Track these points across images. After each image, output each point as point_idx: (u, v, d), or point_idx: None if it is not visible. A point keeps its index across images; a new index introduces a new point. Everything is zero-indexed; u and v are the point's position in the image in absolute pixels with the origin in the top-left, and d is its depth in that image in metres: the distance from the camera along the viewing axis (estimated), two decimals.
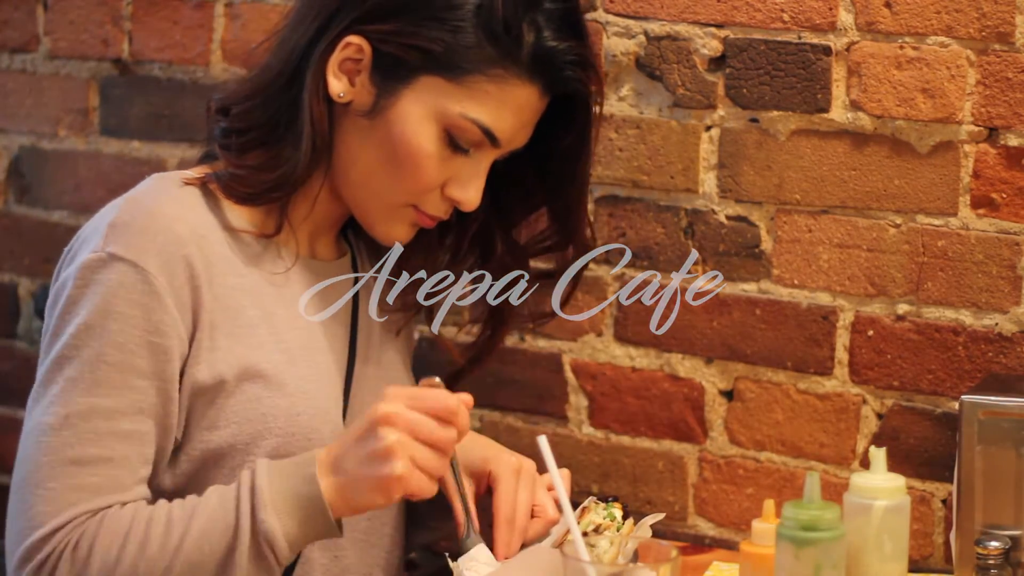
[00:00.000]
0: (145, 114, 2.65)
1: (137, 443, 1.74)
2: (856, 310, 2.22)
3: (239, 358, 1.80)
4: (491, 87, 1.80)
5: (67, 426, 1.73)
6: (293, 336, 1.86)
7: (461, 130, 1.81)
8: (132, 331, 1.74)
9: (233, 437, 1.80)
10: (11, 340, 2.78)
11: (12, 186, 2.76)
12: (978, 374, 2.15)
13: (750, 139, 2.26)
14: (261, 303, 1.84)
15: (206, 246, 1.79)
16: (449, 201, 1.85)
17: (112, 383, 1.73)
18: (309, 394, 1.84)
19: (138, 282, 1.74)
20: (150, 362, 1.75)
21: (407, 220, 1.87)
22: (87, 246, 1.77)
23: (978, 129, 2.13)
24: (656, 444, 2.35)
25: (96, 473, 1.72)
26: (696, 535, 2.33)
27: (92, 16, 2.67)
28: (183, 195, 1.82)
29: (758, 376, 2.28)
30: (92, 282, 1.75)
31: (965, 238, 2.15)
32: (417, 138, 1.80)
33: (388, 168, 1.82)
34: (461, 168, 1.84)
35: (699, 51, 2.28)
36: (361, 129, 1.83)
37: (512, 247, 1.99)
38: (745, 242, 2.28)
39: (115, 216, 1.78)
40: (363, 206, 1.87)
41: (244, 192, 1.84)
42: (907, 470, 2.16)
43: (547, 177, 1.94)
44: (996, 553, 1.87)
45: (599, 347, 2.38)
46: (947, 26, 2.13)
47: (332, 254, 1.96)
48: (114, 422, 1.73)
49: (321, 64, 1.81)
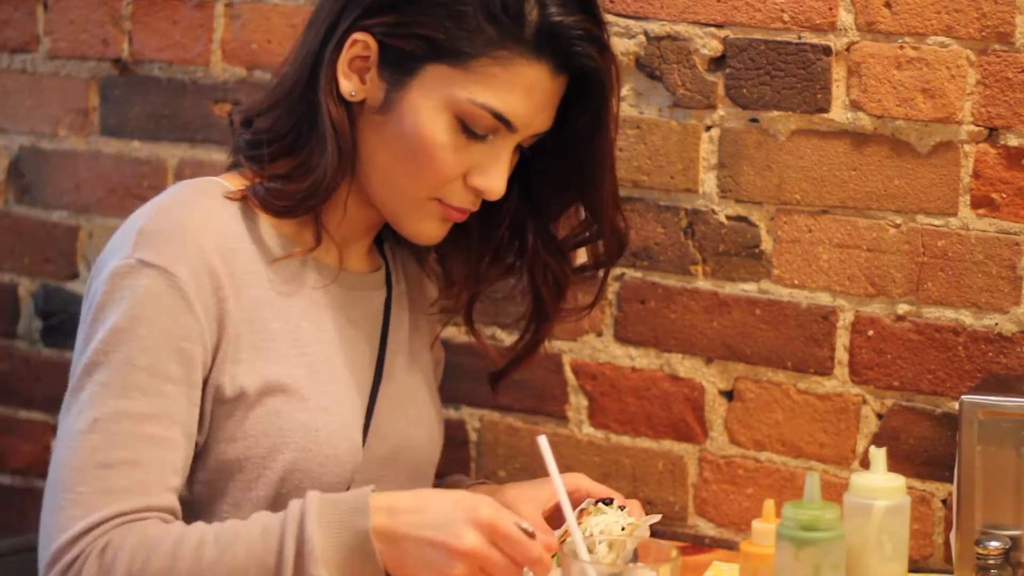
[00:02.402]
0: (145, 114, 2.65)
1: (166, 449, 1.73)
2: (856, 310, 2.22)
3: (260, 372, 1.79)
4: (498, 70, 1.78)
5: (96, 430, 1.71)
6: (317, 351, 1.84)
7: (472, 116, 1.78)
8: (161, 336, 1.73)
9: (249, 450, 1.79)
10: (11, 340, 2.78)
11: (12, 186, 2.76)
12: (978, 374, 2.15)
13: (750, 139, 2.26)
14: (286, 317, 1.82)
15: (233, 259, 1.78)
16: (473, 191, 1.83)
17: (141, 387, 1.72)
18: (329, 410, 1.83)
19: (167, 287, 1.73)
20: (179, 368, 1.74)
21: (434, 215, 1.84)
22: (116, 254, 1.76)
23: (978, 129, 2.13)
24: (656, 444, 2.35)
25: (125, 476, 1.70)
26: (696, 535, 2.33)
27: (92, 16, 2.67)
28: (215, 207, 1.81)
29: (758, 376, 2.28)
30: (121, 288, 1.74)
31: (965, 238, 2.15)
32: (429, 129, 1.79)
33: (405, 163, 1.81)
34: (481, 156, 1.81)
35: (699, 51, 2.28)
36: (377, 126, 1.82)
37: (549, 242, 1.95)
38: (745, 242, 2.28)
39: (144, 224, 1.77)
40: (389, 205, 1.85)
41: (281, 206, 1.82)
42: (907, 470, 2.16)
43: (572, 163, 1.90)
44: (996, 553, 1.87)
45: (599, 347, 2.37)
46: (947, 26, 2.13)
47: (365, 267, 1.94)
48: (143, 426, 1.71)
49: (332, 65, 1.80)
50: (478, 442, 2.45)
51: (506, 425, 2.44)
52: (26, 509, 2.76)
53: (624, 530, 1.83)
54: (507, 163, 1.82)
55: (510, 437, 2.43)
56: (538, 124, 1.83)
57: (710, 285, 2.30)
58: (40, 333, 2.75)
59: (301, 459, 1.80)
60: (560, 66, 1.81)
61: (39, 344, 2.75)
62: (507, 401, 2.43)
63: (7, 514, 2.78)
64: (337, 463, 1.82)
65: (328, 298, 1.87)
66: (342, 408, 1.85)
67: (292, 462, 1.79)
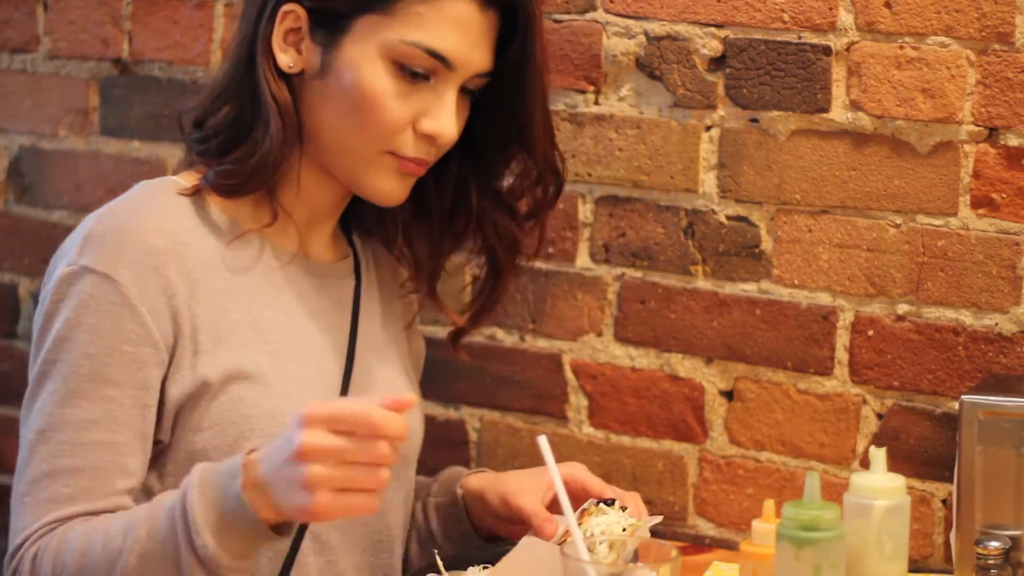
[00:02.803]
0: (145, 114, 2.65)
1: (112, 453, 1.74)
2: (856, 310, 2.22)
3: (222, 361, 1.79)
4: (423, 8, 1.79)
5: (43, 440, 1.74)
6: (283, 339, 1.85)
7: (408, 57, 1.80)
8: (102, 341, 1.74)
9: (216, 439, 1.79)
10: (11, 340, 2.78)
11: (12, 186, 2.76)
12: (978, 374, 2.15)
13: (750, 139, 2.26)
14: (247, 305, 1.83)
15: (185, 254, 1.79)
16: (425, 139, 1.83)
17: (84, 394, 1.74)
18: (295, 397, 1.82)
19: (108, 293, 1.74)
20: (122, 371, 1.75)
21: (391, 170, 1.84)
22: (64, 259, 1.78)
23: (978, 129, 2.13)
24: (656, 444, 2.35)
25: (67, 484, 1.72)
26: (696, 535, 2.33)
27: (92, 16, 2.67)
28: (167, 203, 1.82)
29: (758, 376, 2.28)
30: (66, 295, 1.76)
31: (965, 238, 2.15)
32: (368, 79, 1.80)
33: (352, 117, 1.81)
34: (426, 102, 1.82)
35: (699, 51, 2.28)
36: (318, 92, 1.83)
37: (494, 197, 1.95)
38: (745, 242, 2.28)
39: (90, 228, 1.78)
40: (345, 168, 1.85)
41: (230, 184, 1.83)
42: (907, 470, 2.16)
43: (507, 108, 1.89)
44: (996, 553, 1.87)
45: (599, 347, 2.37)
46: (947, 26, 2.13)
47: (331, 255, 1.95)
48: (87, 432, 1.73)
49: (266, 43, 1.82)
50: (478, 442, 2.45)
51: (506, 425, 2.44)
52: None
53: (625, 531, 1.83)
54: (453, 105, 1.83)
55: (510, 437, 2.42)
56: (476, 61, 1.83)
57: (710, 285, 2.30)
58: None
59: (268, 446, 1.79)
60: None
61: None
62: (507, 401, 2.43)
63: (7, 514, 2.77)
64: None
65: (292, 285, 1.88)
66: (311, 395, 1.83)
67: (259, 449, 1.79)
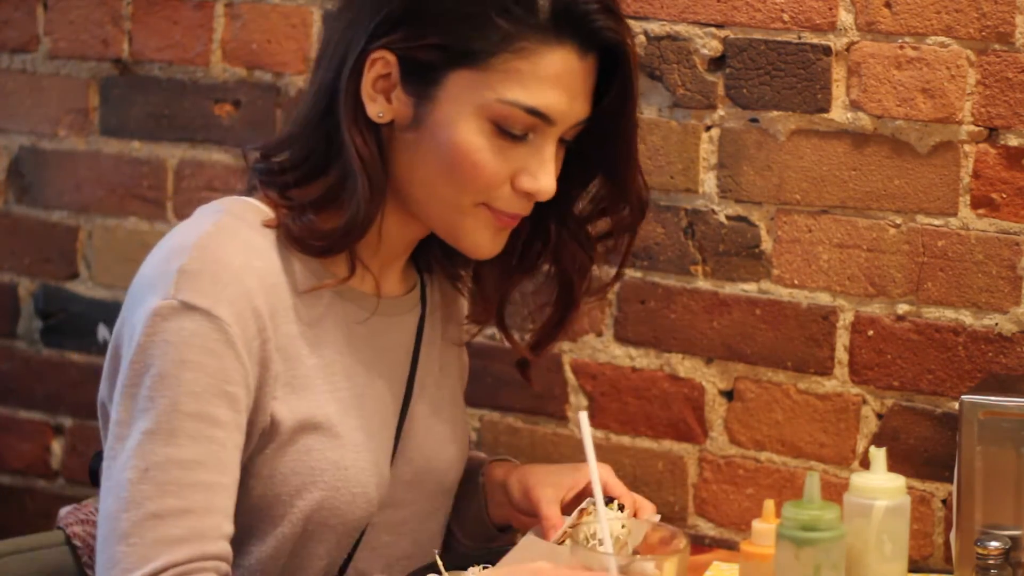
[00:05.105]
0: (145, 114, 2.65)
1: (217, 495, 1.69)
2: (856, 310, 2.22)
3: (294, 409, 1.76)
4: (521, 63, 1.72)
5: (146, 479, 1.66)
6: (350, 386, 1.81)
7: (505, 117, 1.73)
8: (207, 380, 1.68)
9: (276, 487, 1.76)
10: (11, 340, 2.78)
11: (12, 186, 2.76)
12: (978, 374, 2.15)
13: (750, 139, 2.26)
14: (320, 352, 1.79)
15: (274, 295, 1.75)
16: (523, 195, 1.77)
17: (189, 433, 1.67)
18: (359, 446, 1.80)
19: (212, 331, 1.68)
20: (226, 412, 1.69)
21: (488, 224, 1.78)
22: (155, 292, 1.71)
23: (978, 129, 2.13)
24: (656, 444, 2.35)
25: (177, 525, 1.66)
26: (696, 535, 2.33)
27: (92, 16, 2.67)
28: (254, 239, 1.76)
29: (758, 376, 2.28)
30: (164, 330, 1.69)
31: (965, 238, 2.15)
32: (464, 138, 1.73)
33: (447, 175, 1.75)
34: (524, 158, 1.75)
35: (699, 51, 2.28)
36: (411, 144, 1.76)
37: (573, 227, 1.89)
38: (745, 242, 2.28)
39: (185, 262, 1.71)
40: (439, 220, 1.80)
41: (319, 247, 1.77)
42: (907, 470, 2.16)
43: (596, 141, 1.82)
44: (996, 553, 1.86)
45: (599, 347, 2.37)
46: (947, 26, 2.13)
47: (399, 288, 1.90)
48: (194, 473, 1.67)
49: (353, 92, 1.75)
50: (478, 442, 2.45)
51: (506, 425, 2.44)
52: (26, 509, 2.76)
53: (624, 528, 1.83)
54: (552, 160, 1.77)
55: (510, 437, 2.42)
56: (576, 112, 1.76)
57: (710, 285, 2.30)
58: (40, 333, 2.75)
59: (329, 498, 1.77)
60: (585, 45, 1.74)
61: (39, 344, 2.75)
62: (507, 401, 2.43)
63: (7, 514, 2.78)
64: (364, 499, 1.80)
65: (363, 327, 1.84)
66: (372, 441, 1.81)
67: (320, 500, 1.77)
